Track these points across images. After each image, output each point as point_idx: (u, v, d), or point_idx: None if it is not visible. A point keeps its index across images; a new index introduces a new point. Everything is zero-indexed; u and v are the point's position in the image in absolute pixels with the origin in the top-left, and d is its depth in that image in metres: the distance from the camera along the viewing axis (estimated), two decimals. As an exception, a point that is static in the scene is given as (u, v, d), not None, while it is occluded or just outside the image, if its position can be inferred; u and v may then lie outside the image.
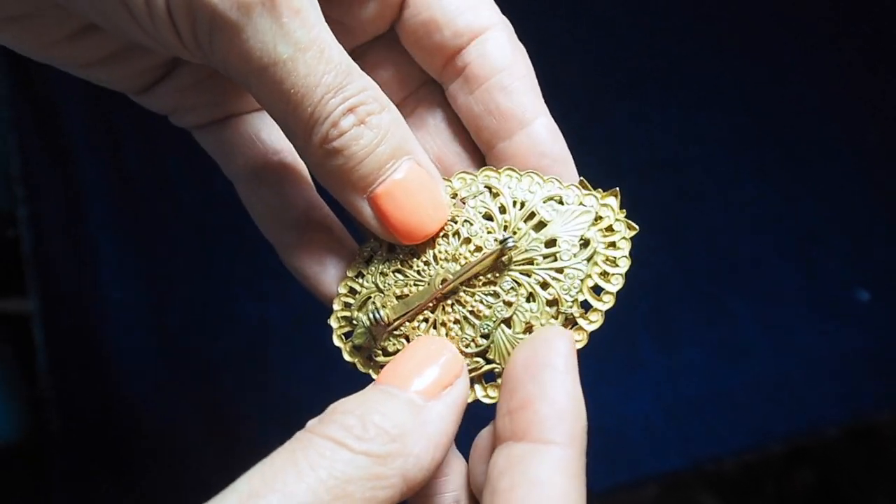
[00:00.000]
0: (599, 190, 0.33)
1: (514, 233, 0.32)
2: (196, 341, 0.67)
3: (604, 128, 0.74)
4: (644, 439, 0.65)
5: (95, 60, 0.32)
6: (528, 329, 0.31)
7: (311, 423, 0.27)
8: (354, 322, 0.33)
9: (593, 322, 0.31)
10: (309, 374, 0.65)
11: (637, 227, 0.33)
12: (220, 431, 0.66)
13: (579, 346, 0.31)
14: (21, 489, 0.70)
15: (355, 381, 0.31)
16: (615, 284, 0.32)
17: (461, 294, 0.32)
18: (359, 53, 0.34)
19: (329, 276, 0.34)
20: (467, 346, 0.31)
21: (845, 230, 0.71)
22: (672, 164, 0.73)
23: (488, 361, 0.31)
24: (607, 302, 0.31)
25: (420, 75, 0.34)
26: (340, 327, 0.34)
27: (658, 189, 0.72)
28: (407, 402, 0.27)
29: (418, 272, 0.32)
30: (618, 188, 0.33)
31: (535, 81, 0.33)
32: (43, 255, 0.68)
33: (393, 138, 0.30)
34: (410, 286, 0.32)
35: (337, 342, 0.34)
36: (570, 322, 0.31)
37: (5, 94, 0.69)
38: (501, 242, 0.31)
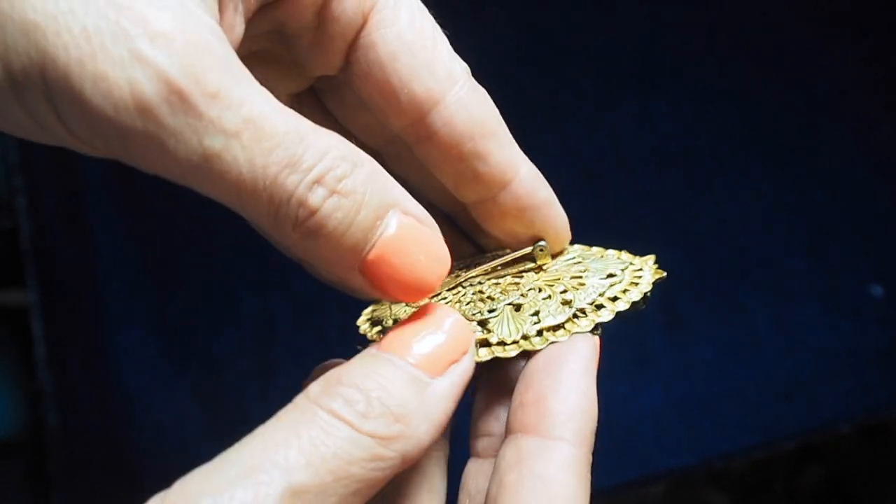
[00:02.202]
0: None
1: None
2: (197, 334, 0.67)
3: (612, 120, 0.73)
4: (654, 436, 0.65)
5: None
6: (536, 314, 0.30)
7: (312, 389, 0.25)
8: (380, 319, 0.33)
9: (601, 315, 0.31)
10: (311, 367, 0.65)
11: (665, 273, 0.33)
12: (222, 426, 0.66)
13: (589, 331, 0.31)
14: (20, 483, 0.70)
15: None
16: (633, 296, 0.32)
17: (483, 282, 0.32)
18: (328, 87, 0.32)
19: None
20: (472, 315, 0.31)
21: (858, 225, 0.70)
22: (681, 157, 0.72)
23: (487, 331, 0.31)
24: (620, 305, 0.31)
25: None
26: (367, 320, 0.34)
27: (667, 182, 0.72)
28: (412, 379, 0.25)
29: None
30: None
31: (506, 129, 0.31)
32: (42, 247, 0.68)
33: (374, 196, 0.26)
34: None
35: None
36: (580, 312, 0.31)
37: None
38: (535, 243, 0.32)
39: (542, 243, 0.32)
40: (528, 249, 0.32)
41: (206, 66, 0.23)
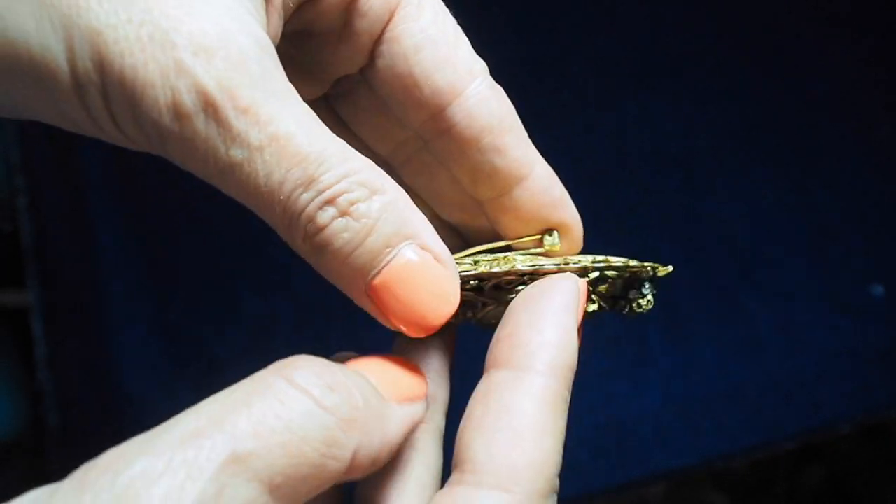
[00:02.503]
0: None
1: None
2: (199, 335, 0.67)
3: (613, 119, 0.73)
4: (654, 436, 0.65)
5: None
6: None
7: (274, 365, 0.24)
8: None
9: (592, 263, 0.32)
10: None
11: (672, 268, 0.34)
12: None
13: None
14: (19, 483, 0.70)
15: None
16: (633, 263, 0.33)
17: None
18: (343, 91, 0.33)
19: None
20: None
21: (859, 224, 0.70)
22: (682, 157, 0.72)
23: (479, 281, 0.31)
24: (616, 262, 0.32)
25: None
26: None
27: (667, 182, 0.71)
28: (375, 391, 0.25)
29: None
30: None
31: (522, 126, 0.32)
32: (43, 247, 0.68)
33: (387, 224, 0.27)
34: None
35: None
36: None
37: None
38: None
39: (553, 234, 0.32)
40: (538, 236, 0.32)
41: (241, 82, 0.25)
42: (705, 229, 0.70)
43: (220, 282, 0.68)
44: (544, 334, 0.27)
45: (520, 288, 0.31)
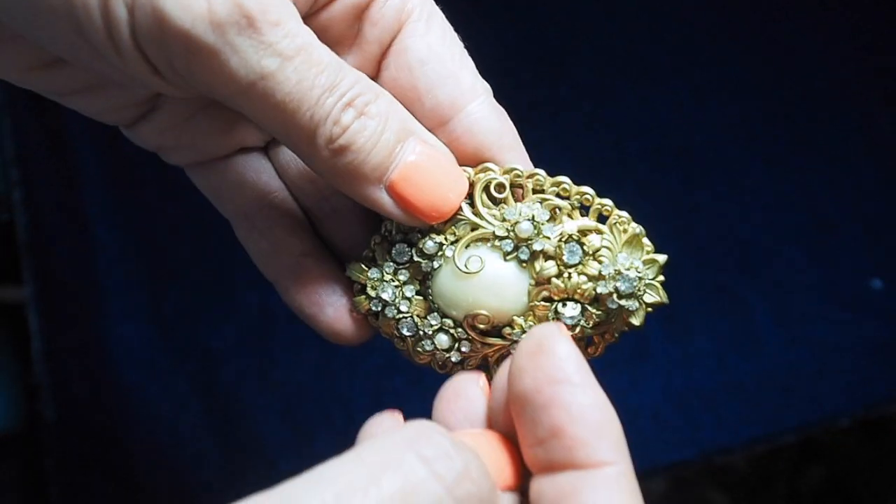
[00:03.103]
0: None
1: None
2: (195, 329, 0.67)
3: (612, 113, 0.73)
4: (653, 430, 0.65)
5: (72, 91, 0.32)
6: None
7: (407, 434, 0.24)
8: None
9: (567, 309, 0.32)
10: (311, 362, 0.65)
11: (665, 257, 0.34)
12: (219, 420, 0.65)
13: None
14: (16, 478, 0.70)
15: (357, 369, 0.30)
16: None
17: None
18: None
19: (326, 315, 0.34)
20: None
21: (858, 218, 0.70)
22: (681, 151, 0.72)
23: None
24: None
25: None
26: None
27: (666, 176, 0.71)
28: (490, 477, 0.24)
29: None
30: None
31: (522, 147, 0.33)
32: (38, 241, 0.68)
33: (394, 122, 0.30)
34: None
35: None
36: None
37: None
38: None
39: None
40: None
41: (271, 1, 0.27)
42: (704, 223, 0.70)
43: (216, 275, 0.67)
44: (590, 423, 0.25)
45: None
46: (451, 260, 0.32)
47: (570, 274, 0.31)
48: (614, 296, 0.32)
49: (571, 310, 0.31)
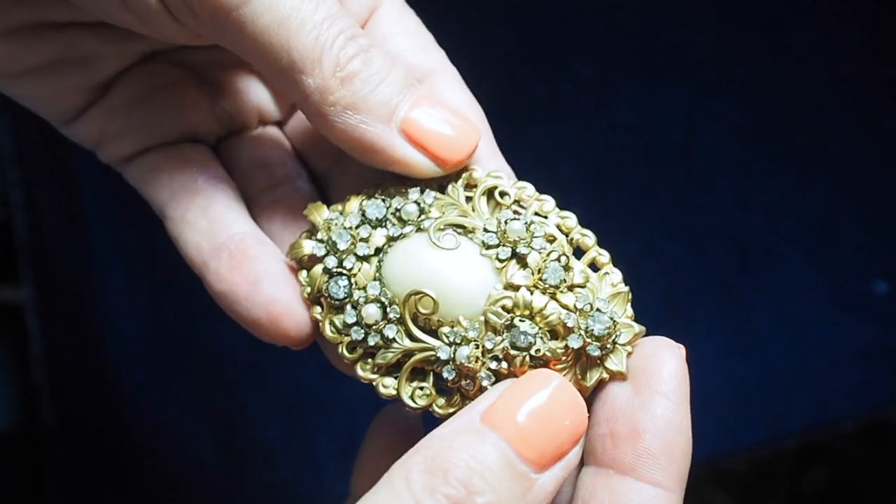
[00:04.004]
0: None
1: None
2: (195, 331, 0.66)
3: (613, 113, 0.72)
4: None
5: (30, 68, 0.31)
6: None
7: (415, 477, 0.23)
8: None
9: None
10: (312, 365, 0.64)
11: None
12: (220, 422, 0.65)
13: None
14: (15, 479, 0.70)
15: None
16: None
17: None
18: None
19: (264, 293, 0.31)
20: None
21: (862, 220, 0.70)
22: (682, 151, 0.72)
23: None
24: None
25: None
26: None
27: (668, 176, 0.71)
28: (520, 476, 0.24)
29: None
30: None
31: (488, 126, 0.32)
32: (38, 241, 0.67)
33: (399, 68, 0.29)
34: None
35: (364, 373, 0.31)
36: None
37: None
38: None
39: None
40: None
41: None
42: (707, 224, 0.69)
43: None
44: (668, 444, 0.25)
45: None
46: (427, 231, 0.29)
47: (545, 291, 0.28)
48: (581, 332, 0.28)
49: (529, 327, 0.28)
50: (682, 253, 0.68)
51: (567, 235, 0.30)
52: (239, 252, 0.31)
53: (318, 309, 0.30)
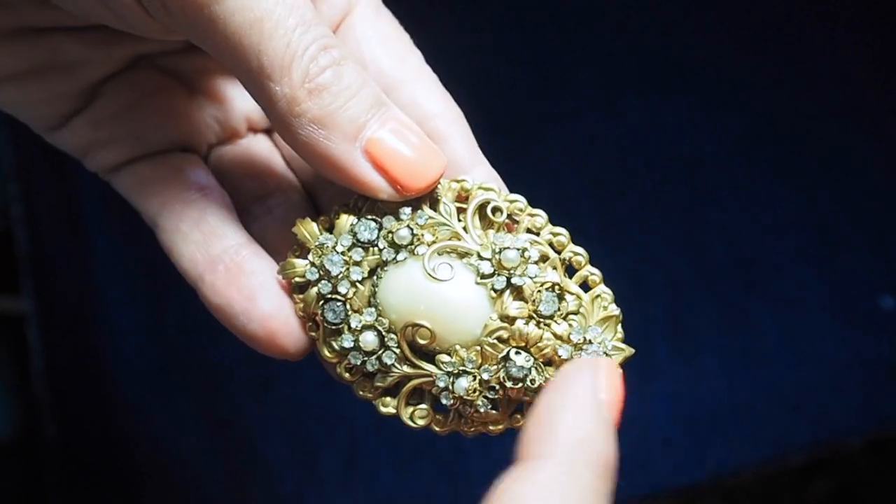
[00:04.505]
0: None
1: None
2: (197, 343, 0.66)
3: (617, 126, 0.72)
4: (660, 449, 0.64)
5: (14, 73, 0.30)
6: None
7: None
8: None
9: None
10: (314, 378, 0.64)
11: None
12: (222, 436, 0.65)
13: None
14: (15, 494, 0.70)
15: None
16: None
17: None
18: None
19: (260, 309, 0.30)
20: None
21: (868, 234, 0.69)
22: (688, 164, 0.71)
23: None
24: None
25: None
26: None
27: (673, 189, 0.71)
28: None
29: None
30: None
31: (469, 129, 0.32)
32: (38, 254, 0.67)
33: (370, 86, 0.28)
34: None
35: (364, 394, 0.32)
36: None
37: None
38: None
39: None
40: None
41: None
42: (711, 238, 0.69)
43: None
44: (560, 424, 0.25)
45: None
46: (422, 259, 0.29)
47: (539, 323, 0.29)
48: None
49: (524, 360, 0.29)
50: (686, 266, 0.68)
51: (559, 254, 0.31)
52: (234, 266, 0.31)
53: (314, 327, 0.31)
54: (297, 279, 0.30)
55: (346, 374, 0.31)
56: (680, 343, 0.66)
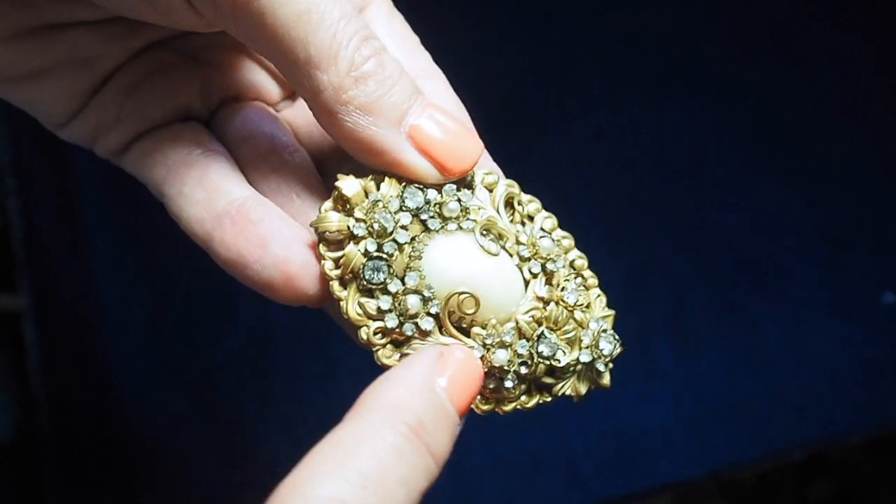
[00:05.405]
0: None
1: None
2: (194, 341, 0.66)
3: (621, 127, 0.72)
4: (661, 448, 0.64)
5: (32, 71, 0.31)
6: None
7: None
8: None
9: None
10: (312, 376, 0.64)
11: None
12: (220, 434, 0.65)
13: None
14: (12, 491, 0.70)
15: (360, 383, 0.29)
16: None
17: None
18: None
19: (274, 254, 0.30)
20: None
21: (870, 234, 0.69)
22: (690, 165, 0.71)
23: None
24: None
25: None
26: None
27: (676, 190, 0.71)
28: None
29: None
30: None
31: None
32: (35, 250, 0.67)
33: (407, 75, 0.29)
34: None
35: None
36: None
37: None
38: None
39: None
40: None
41: None
42: (715, 239, 0.69)
43: (215, 287, 0.66)
44: (373, 392, 0.27)
45: None
46: (472, 232, 0.30)
47: (566, 308, 0.31)
48: (593, 348, 0.31)
49: (557, 339, 0.30)
50: (689, 267, 0.68)
51: (566, 254, 0.32)
52: (241, 216, 0.31)
53: (338, 286, 0.30)
54: (329, 234, 0.30)
55: (375, 338, 0.30)
56: (681, 342, 0.66)
